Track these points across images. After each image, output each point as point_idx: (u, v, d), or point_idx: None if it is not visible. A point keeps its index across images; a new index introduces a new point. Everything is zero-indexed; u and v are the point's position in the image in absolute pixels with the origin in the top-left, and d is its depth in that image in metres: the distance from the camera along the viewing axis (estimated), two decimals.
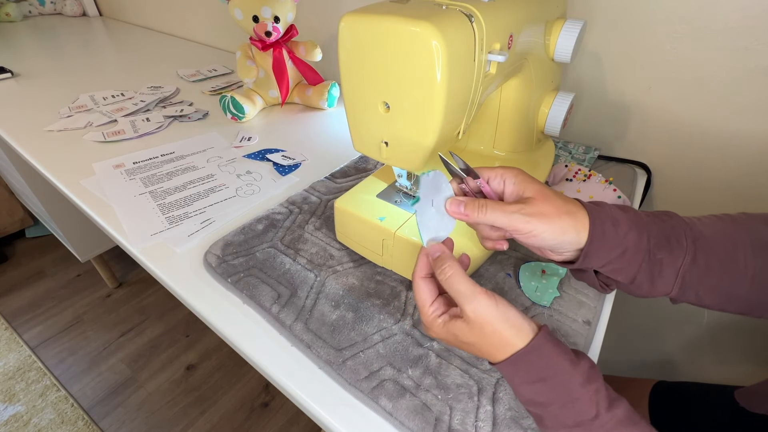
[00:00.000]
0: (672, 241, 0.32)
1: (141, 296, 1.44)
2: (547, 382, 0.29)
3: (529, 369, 0.29)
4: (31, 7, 1.53)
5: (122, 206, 0.56)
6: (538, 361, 0.29)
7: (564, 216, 0.31)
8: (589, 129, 0.71)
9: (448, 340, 0.32)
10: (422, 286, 0.33)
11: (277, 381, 0.37)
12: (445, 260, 0.31)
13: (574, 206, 0.32)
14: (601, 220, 0.31)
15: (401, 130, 0.37)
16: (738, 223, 0.33)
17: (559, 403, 0.28)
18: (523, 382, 0.30)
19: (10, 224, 1.49)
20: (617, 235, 0.31)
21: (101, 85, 0.93)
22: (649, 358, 0.88)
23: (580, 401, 0.28)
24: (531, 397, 0.30)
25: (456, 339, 0.31)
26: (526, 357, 0.29)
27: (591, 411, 0.28)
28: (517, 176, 0.33)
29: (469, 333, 0.30)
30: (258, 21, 0.73)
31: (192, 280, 0.46)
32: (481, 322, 0.29)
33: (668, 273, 0.32)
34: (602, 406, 0.28)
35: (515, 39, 0.41)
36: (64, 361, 1.23)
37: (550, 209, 0.31)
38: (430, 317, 0.32)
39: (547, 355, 0.29)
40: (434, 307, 0.32)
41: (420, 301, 0.33)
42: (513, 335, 0.29)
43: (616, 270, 0.32)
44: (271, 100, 0.84)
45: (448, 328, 0.31)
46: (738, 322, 0.72)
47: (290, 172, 0.64)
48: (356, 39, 0.34)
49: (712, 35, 0.54)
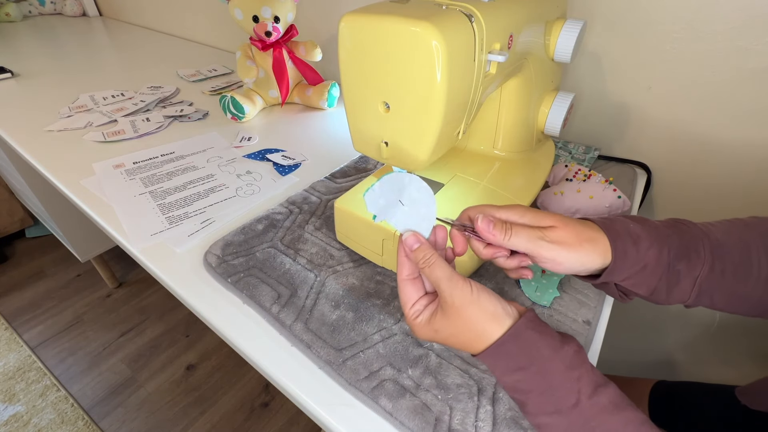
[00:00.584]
0: (691, 252, 0.32)
1: (141, 296, 1.44)
2: (526, 370, 0.29)
3: (508, 358, 0.29)
4: (31, 7, 1.53)
5: (122, 206, 0.56)
6: (516, 350, 0.29)
7: (585, 244, 0.31)
8: (589, 129, 0.71)
9: (434, 339, 0.32)
10: (403, 287, 0.33)
11: (277, 381, 0.37)
12: (424, 250, 0.32)
13: (593, 231, 0.32)
14: (622, 240, 0.31)
15: (401, 130, 0.37)
16: (750, 227, 0.34)
17: (539, 390, 0.28)
18: (503, 371, 0.29)
19: (10, 224, 1.49)
20: (638, 252, 0.31)
21: (101, 85, 0.93)
22: (649, 358, 0.88)
23: (561, 389, 0.28)
24: (512, 385, 0.30)
25: (438, 335, 0.31)
26: (503, 347, 0.29)
27: (571, 398, 0.28)
28: (527, 212, 0.33)
29: (447, 323, 0.30)
30: (258, 21, 0.73)
31: (192, 280, 0.46)
32: (458, 305, 0.29)
33: (686, 283, 0.33)
34: (584, 393, 0.28)
35: (515, 39, 0.41)
36: (64, 361, 1.23)
37: (572, 238, 0.31)
38: (411, 318, 0.32)
39: (526, 343, 0.29)
40: (415, 307, 0.32)
41: (402, 302, 0.33)
42: (487, 321, 0.29)
43: (636, 284, 0.33)
44: (271, 100, 0.84)
45: (429, 325, 0.31)
46: (738, 321, 0.72)
47: (290, 172, 0.64)
48: (356, 39, 0.34)
49: (712, 35, 0.54)
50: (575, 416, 0.27)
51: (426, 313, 0.32)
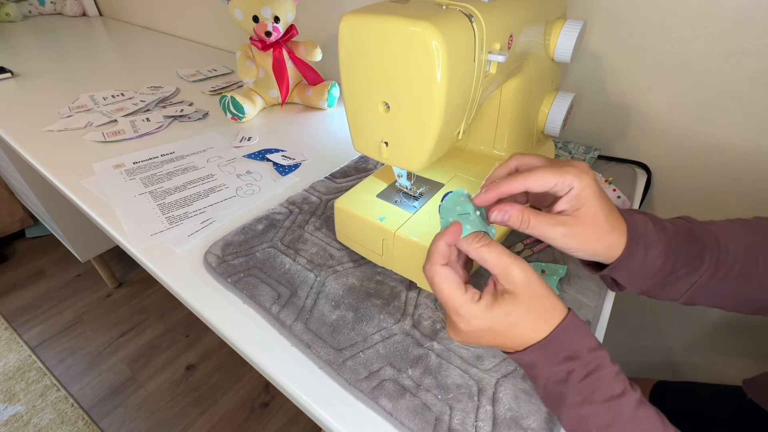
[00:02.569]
0: (696, 261, 0.33)
1: (141, 296, 1.44)
2: (578, 360, 0.28)
3: (563, 346, 0.29)
4: (31, 7, 1.53)
5: (122, 206, 0.56)
6: (573, 337, 0.29)
7: (602, 244, 0.31)
8: (589, 129, 0.71)
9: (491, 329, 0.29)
10: (448, 273, 0.29)
11: (277, 381, 0.37)
12: (477, 233, 0.30)
13: (616, 235, 0.31)
14: (637, 243, 0.31)
15: (401, 130, 0.37)
16: (759, 231, 0.34)
17: (590, 379, 0.28)
18: (554, 361, 0.29)
19: (10, 224, 1.49)
20: (645, 259, 0.32)
21: (101, 85, 0.93)
22: (648, 358, 0.88)
23: (606, 379, 0.28)
24: (561, 375, 0.29)
25: (503, 322, 0.28)
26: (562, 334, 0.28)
27: (618, 387, 0.28)
28: (585, 190, 0.30)
29: (520, 304, 0.28)
30: (258, 21, 0.73)
31: (192, 280, 0.46)
32: (531, 281, 0.28)
33: (681, 286, 0.33)
34: (626, 383, 0.28)
35: (515, 39, 0.41)
36: (64, 361, 1.23)
37: (593, 236, 0.30)
38: (470, 303, 0.28)
39: (581, 332, 0.29)
40: (471, 291, 0.29)
41: (448, 291, 0.29)
42: (554, 296, 0.29)
43: (631, 282, 0.33)
44: (271, 100, 0.84)
45: (496, 309, 0.28)
46: (739, 321, 0.72)
47: (290, 172, 0.64)
48: (356, 39, 0.35)
49: (712, 35, 0.54)
50: (624, 404, 0.28)
51: (487, 296, 0.29)
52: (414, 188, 0.47)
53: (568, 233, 0.30)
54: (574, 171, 0.30)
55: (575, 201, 0.30)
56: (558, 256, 0.49)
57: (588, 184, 0.30)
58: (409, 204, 0.46)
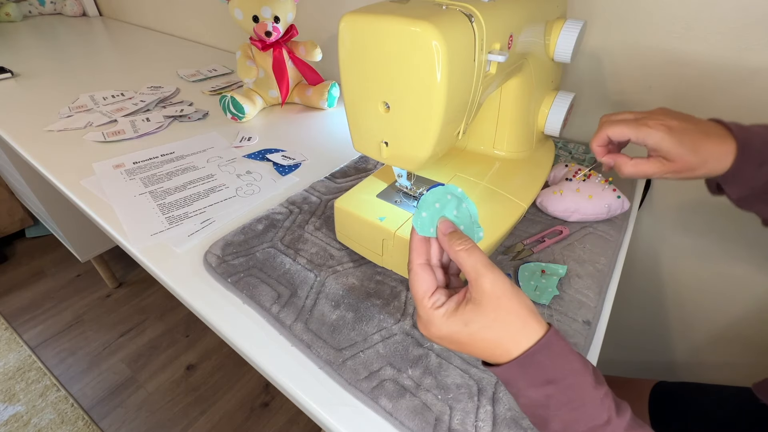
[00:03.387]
0: None
1: (141, 296, 1.44)
2: (558, 384, 0.27)
3: (540, 368, 0.27)
4: (31, 7, 1.53)
5: (122, 206, 0.56)
6: (549, 361, 0.27)
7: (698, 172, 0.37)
8: (589, 129, 0.71)
9: (449, 338, 0.28)
10: (421, 274, 0.29)
11: (277, 381, 0.37)
12: (461, 234, 0.30)
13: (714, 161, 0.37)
14: (747, 160, 0.36)
15: (401, 130, 0.37)
16: None
17: (570, 406, 0.26)
18: (531, 384, 0.27)
19: (10, 224, 1.49)
20: (756, 175, 0.36)
21: (101, 85, 0.93)
22: (648, 359, 0.88)
23: (591, 405, 0.26)
24: (540, 399, 0.27)
25: (466, 328, 0.27)
26: (536, 356, 0.27)
27: (603, 416, 0.26)
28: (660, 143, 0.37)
29: (482, 314, 0.27)
30: (258, 21, 0.73)
31: (192, 280, 0.46)
32: (499, 294, 0.27)
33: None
34: (612, 410, 0.27)
35: (515, 39, 0.41)
36: (64, 361, 1.23)
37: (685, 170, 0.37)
38: (431, 309, 0.28)
39: (560, 354, 0.27)
40: (436, 296, 0.29)
41: (419, 292, 0.29)
42: (528, 315, 0.27)
43: (732, 190, 0.39)
44: (271, 100, 0.84)
45: (456, 316, 0.28)
46: (738, 322, 0.72)
47: (290, 172, 0.64)
48: (356, 39, 0.35)
49: (712, 35, 0.54)
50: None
51: (451, 303, 0.28)
52: (414, 188, 0.48)
53: (664, 171, 0.38)
54: (645, 130, 0.37)
55: (655, 150, 0.38)
56: (558, 256, 0.49)
57: (661, 137, 0.37)
58: (409, 204, 0.46)
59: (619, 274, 0.49)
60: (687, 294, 0.75)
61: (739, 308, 0.70)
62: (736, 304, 0.70)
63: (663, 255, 0.73)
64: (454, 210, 0.31)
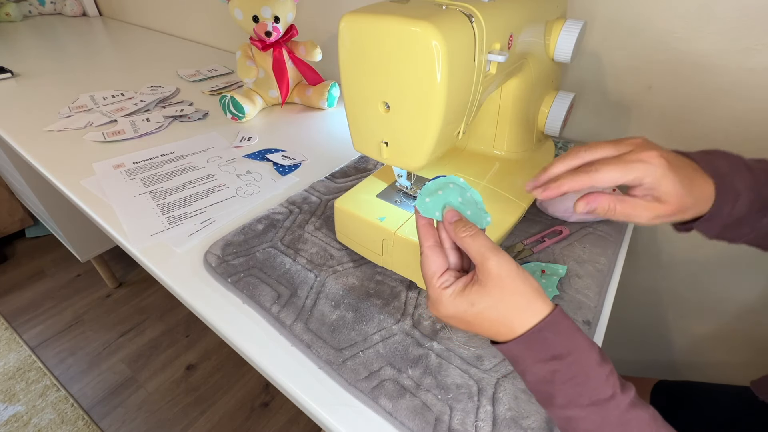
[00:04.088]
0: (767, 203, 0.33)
1: (141, 296, 1.44)
2: (563, 359, 0.27)
3: (545, 345, 0.28)
4: (31, 7, 1.53)
5: (122, 206, 0.56)
6: (555, 337, 0.28)
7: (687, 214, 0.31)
8: (589, 129, 0.71)
9: (456, 316, 0.29)
10: (430, 255, 0.31)
11: (277, 381, 0.37)
12: (466, 221, 0.31)
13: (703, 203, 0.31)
14: (725, 202, 0.31)
15: (401, 130, 0.37)
16: None
17: (575, 381, 0.27)
18: (537, 359, 0.28)
19: (10, 224, 1.49)
20: (732, 212, 0.32)
21: (101, 85, 0.93)
22: (649, 358, 0.88)
23: (595, 381, 0.27)
24: (545, 375, 0.28)
25: (472, 308, 0.28)
26: (542, 333, 0.27)
27: (607, 391, 0.27)
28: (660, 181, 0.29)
29: (487, 295, 0.28)
30: (258, 21, 0.73)
31: (192, 280, 0.46)
32: (504, 275, 0.28)
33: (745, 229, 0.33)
34: (617, 386, 0.27)
35: (515, 39, 0.41)
36: (64, 361, 1.23)
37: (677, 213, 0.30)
38: (439, 289, 0.30)
39: (566, 330, 0.28)
40: (444, 278, 0.30)
41: (428, 272, 0.30)
42: (534, 294, 0.28)
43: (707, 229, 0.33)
44: (271, 100, 0.84)
45: (463, 296, 0.29)
46: (738, 320, 0.72)
47: (290, 172, 0.64)
48: (356, 39, 0.35)
49: (712, 35, 0.54)
50: (612, 409, 0.27)
51: (458, 284, 0.29)
52: (414, 188, 0.48)
53: (656, 216, 0.30)
54: (642, 167, 0.29)
55: (651, 190, 0.30)
56: (558, 256, 0.49)
57: (662, 176, 0.29)
58: (409, 204, 0.46)
59: (619, 274, 0.49)
60: (687, 293, 0.75)
61: (738, 307, 0.70)
62: (736, 302, 0.70)
63: (663, 255, 0.73)
64: (458, 197, 0.32)
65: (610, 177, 0.29)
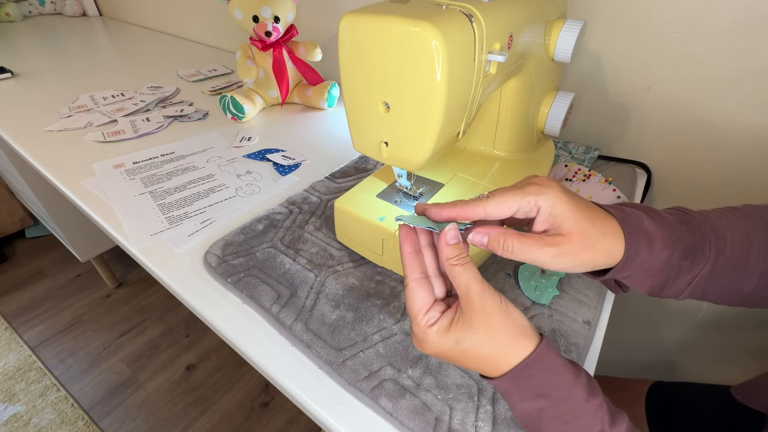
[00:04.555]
0: (697, 252, 0.31)
1: (141, 296, 1.44)
2: (549, 397, 0.27)
3: (531, 383, 0.27)
4: (31, 7, 1.53)
5: (122, 206, 0.56)
6: (540, 374, 0.27)
7: (599, 253, 0.28)
8: (589, 129, 0.71)
9: (442, 354, 0.29)
10: (416, 290, 0.29)
11: (277, 381, 0.37)
12: (461, 247, 0.29)
13: (610, 238, 0.29)
14: (637, 239, 0.29)
15: (401, 130, 0.37)
16: (752, 220, 0.33)
17: (562, 420, 0.27)
18: (523, 397, 0.27)
19: (10, 224, 1.49)
20: (650, 254, 0.29)
21: (101, 85, 0.93)
22: (646, 359, 0.88)
23: (583, 418, 0.27)
24: (532, 413, 0.28)
25: (458, 345, 0.28)
26: (526, 370, 0.27)
27: (595, 427, 0.26)
28: (555, 205, 0.28)
29: (472, 332, 0.27)
30: (258, 21, 0.73)
31: (192, 280, 0.46)
32: (488, 312, 0.27)
33: (683, 280, 0.31)
34: (606, 421, 0.27)
35: (515, 39, 0.41)
36: (64, 361, 1.23)
37: (585, 248, 0.28)
38: (424, 327, 0.28)
39: (551, 367, 0.27)
40: (430, 314, 0.29)
41: (413, 309, 0.29)
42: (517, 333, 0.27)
43: (637, 282, 0.31)
44: (271, 100, 0.84)
45: (449, 334, 0.28)
46: (736, 321, 0.72)
47: (290, 172, 0.64)
48: (356, 39, 0.35)
49: (712, 35, 0.54)
50: None
51: (444, 320, 0.28)
52: (414, 188, 0.48)
53: (559, 253, 0.27)
54: (535, 189, 0.28)
55: (551, 219, 0.28)
56: None
57: (556, 199, 0.28)
58: (409, 204, 0.47)
59: None
60: None
61: (736, 308, 0.70)
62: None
63: None
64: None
65: (504, 203, 0.28)
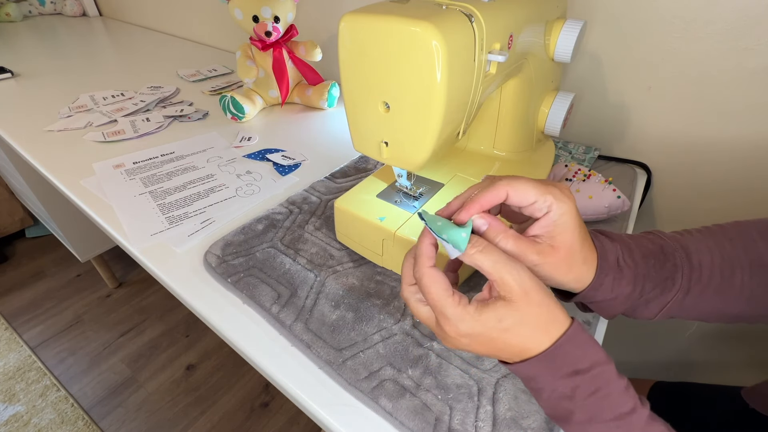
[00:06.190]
0: (667, 283, 0.31)
1: (141, 296, 1.44)
2: (585, 374, 0.26)
3: (566, 359, 0.26)
4: (31, 7, 1.53)
5: (122, 206, 0.56)
6: (577, 350, 0.26)
7: (571, 277, 0.30)
8: (589, 129, 0.71)
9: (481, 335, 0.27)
10: (435, 274, 0.27)
11: (277, 381, 0.37)
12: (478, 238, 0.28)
13: (586, 267, 0.30)
14: (605, 273, 0.30)
15: (401, 130, 0.37)
16: (734, 242, 0.32)
17: (597, 396, 0.26)
18: (558, 376, 0.26)
19: (10, 224, 1.49)
20: (614, 288, 0.30)
21: (101, 85, 0.93)
22: (647, 359, 0.88)
23: (615, 395, 0.26)
24: (564, 391, 0.27)
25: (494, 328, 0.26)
26: (563, 347, 0.26)
27: (628, 404, 0.26)
28: (564, 216, 0.28)
29: (514, 311, 0.26)
30: (258, 21, 0.73)
31: (192, 280, 0.46)
32: (527, 288, 0.26)
33: (654, 306, 0.32)
34: (636, 398, 0.27)
35: (515, 39, 0.41)
36: (64, 361, 1.23)
37: (564, 268, 0.29)
38: (459, 306, 0.26)
39: (585, 344, 0.27)
40: (458, 296, 0.27)
41: (439, 291, 0.27)
42: (556, 306, 0.27)
43: (600, 310, 0.32)
44: (271, 100, 0.84)
45: (486, 315, 0.26)
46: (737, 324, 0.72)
47: (290, 172, 0.64)
48: (356, 39, 0.35)
49: (712, 35, 0.54)
50: (634, 422, 0.26)
51: (476, 302, 0.27)
52: (414, 188, 0.48)
53: (541, 263, 0.28)
54: (557, 193, 0.28)
55: (552, 227, 0.28)
56: None
57: (568, 210, 0.28)
58: (409, 204, 0.47)
59: None
60: None
61: None
62: None
63: None
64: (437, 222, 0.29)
65: (525, 191, 0.28)
